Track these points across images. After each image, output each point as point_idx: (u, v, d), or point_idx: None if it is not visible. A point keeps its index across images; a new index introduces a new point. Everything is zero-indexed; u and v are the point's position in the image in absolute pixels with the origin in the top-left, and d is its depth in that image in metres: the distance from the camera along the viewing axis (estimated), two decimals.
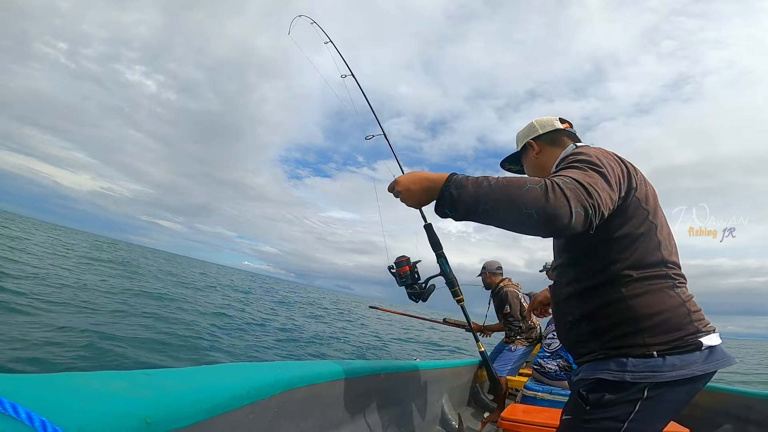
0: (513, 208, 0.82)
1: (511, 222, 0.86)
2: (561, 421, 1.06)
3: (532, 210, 0.80)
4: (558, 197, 0.80)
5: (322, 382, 1.28)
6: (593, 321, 1.02)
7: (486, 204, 0.85)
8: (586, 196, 0.82)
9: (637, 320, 0.95)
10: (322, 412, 1.32)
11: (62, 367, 3.70)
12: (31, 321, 4.91)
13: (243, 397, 0.86)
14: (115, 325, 5.73)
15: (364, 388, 1.59)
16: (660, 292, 0.97)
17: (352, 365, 1.50)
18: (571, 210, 0.79)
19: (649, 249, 0.99)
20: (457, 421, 2.64)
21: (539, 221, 0.80)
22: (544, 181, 0.83)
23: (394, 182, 1.09)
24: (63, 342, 4.38)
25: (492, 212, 0.85)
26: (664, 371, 0.90)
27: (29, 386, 0.52)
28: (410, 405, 2.09)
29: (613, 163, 1.00)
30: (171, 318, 7.37)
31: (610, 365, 0.95)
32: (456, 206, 0.89)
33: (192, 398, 0.70)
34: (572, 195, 0.81)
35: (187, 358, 5.25)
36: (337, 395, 1.40)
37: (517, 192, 0.82)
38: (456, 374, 3.10)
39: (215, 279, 25.45)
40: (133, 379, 0.68)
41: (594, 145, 1.15)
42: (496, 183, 0.86)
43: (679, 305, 0.96)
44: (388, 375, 1.79)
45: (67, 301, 6.51)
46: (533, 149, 1.27)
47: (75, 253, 18.46)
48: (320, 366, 1.31)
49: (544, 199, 0.80)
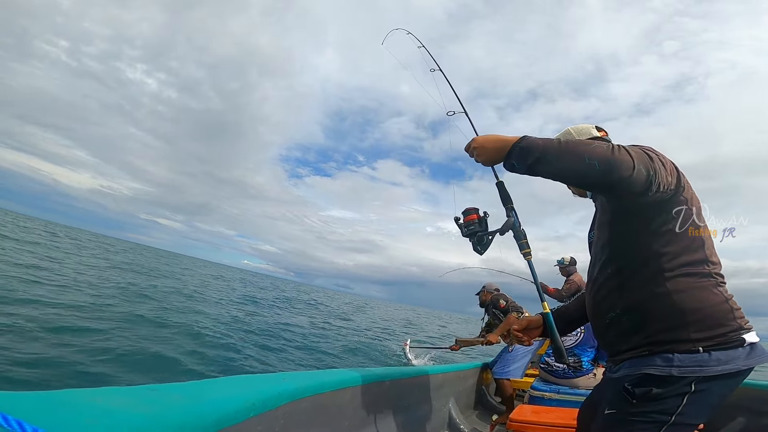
0: (577, 158, 0.93)
1: (572, 171, 0.96)
2: (603, 416, 1.06)
3: (595, 161, 0.91)
4: (622, 153, 0.91)
5: (328, 392, 1.27)
6: (636, 315, 1.04)
7: (551, 155, 0.96)
8: (648, 160, 0.93)
9: (682, 315, 0.97)
10: (329, 421, 1.31)
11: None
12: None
13: (249, 409, 0.86)
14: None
15: (370, 395, 1.58)
16: (704, 289, 0.99)
17: (357, 373, 1.50)
18: (635, 165, 0.91)
19: (693, 247, 1.01)
20: (465, 425, 2.62)
21: (601, 170, 0.91)
22: (611, 142, 0.95)
23: (471, 140, 1.20)
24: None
25: (556, 161, 0.97)
26: (711, 366, 0.92)
27: (35, 403, 0.52)
28: (417, 411, 2.08)
29: (665, 158, 1.05)
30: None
31: (655, 361, 0.97)
32: (523, 156, 1.01)
33: (197, 412, 0.70)
34: (635, 155, 0.92)
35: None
36: (343, 404, 1.39)
37: (583, 145, 0.95)
38: (462, 378, 3.08)
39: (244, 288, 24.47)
40: (137, 395, 0.68)
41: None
42: (565, 140, 0.99)
43: (722, 302, 0.98)
44: (393, 382, 1.78)
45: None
46: None
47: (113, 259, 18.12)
48: (325, 375, 1.31)
49: (609, 153, 0.91)
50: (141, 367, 4.61)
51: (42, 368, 3.81)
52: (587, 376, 2.89)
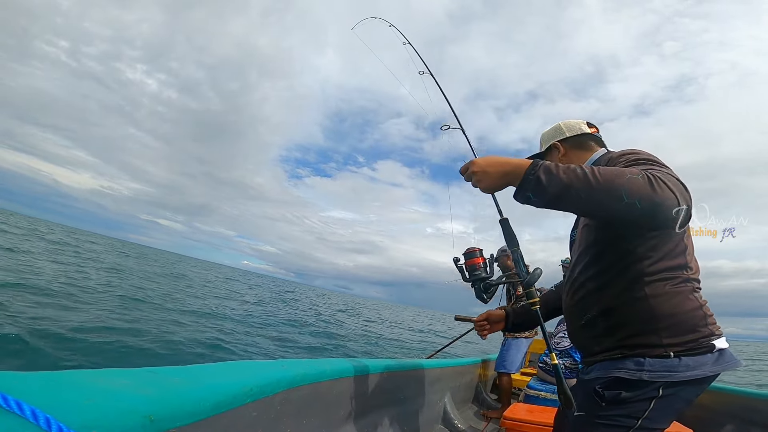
0: (613, 196, 0.81)
1: (607, 210, 0.84)
2: (573, 418, 1.06)
3: (635, 200, 0.79)
4: (664, 190, 0.80)
5: (325, 381, 1.28)
6: (611, 318, 1.03)
7: (579, 189, 0.83)
8: (685, 192, 0.83)
9: (656, 320, 0.96)
10: (325, 410, 1.32)
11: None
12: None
13: (246, 394, 0.86)
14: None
15: (366, 386, 1.59)
16: (680, 294, 0.98)
17: (355, 364, 1.50)
18: (679, 202, 0.80)
19: (676, 252, 0.99)
20: (459, 420, 2.64)
21: (643, 211, 0.80)
22: (643, 172, 0.82)
23: (469, 163, 1.04)
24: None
25: (587, 198, 0.84)
26: (679, 371, 0.92)
27: (34, 384, 0.52)
28: (413, 404, 2.09)
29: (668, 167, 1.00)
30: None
31: (627, 364, 0.97)
32: (543, 191, 0.88)
33: (195, 396, 0.71)
34: (677, 190, 0.81)
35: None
36: (340, 393, 1.40)
37: (618, 180, 0.81)
38: (458, 373, 3.09)
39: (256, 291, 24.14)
40: (137, 377, 0.69)
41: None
42: (590, 170, 0.84)
43: (696, 308, 0.98)
44: (390, 374, 1.79)
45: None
46: (559, 151, 1.26)
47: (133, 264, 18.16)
48: (323, 364, 1.32)
49: (650, 189, 0.79)
50: (140, 352, 4.68)
51: (43, 350, 3.87)
52: None
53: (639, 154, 0.99)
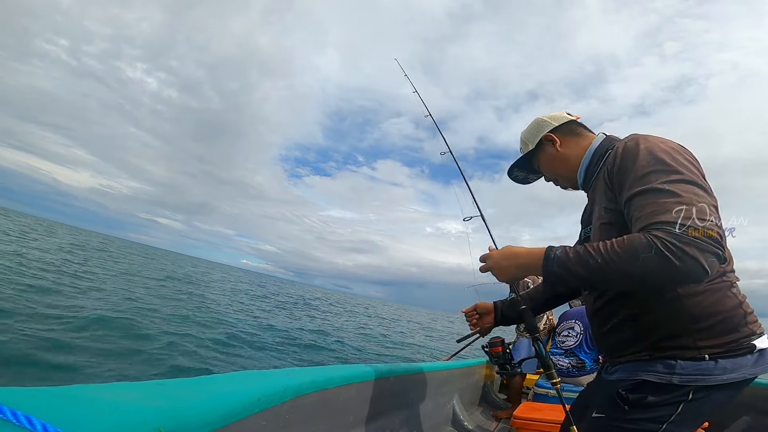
0: (636, 282, 0.81)
1: (630, 288, 0.89)
2: (591, 419, 1.02)
3: (661, 280, 0.78)
4: (683, 258, 0.73)
5: (332, 387, 1.27)
6: (639, 322, 0.96)
7: (601, 283, 0.88)
8: (709, 242, 0.74)
9: (692, 321, 0.89)
10: (333, 416, 1.32)
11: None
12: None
13: (254, 404, 0.86)
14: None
15: (373, 391, 1.58)
16: (719, 291, 0.89)
17: (361, 369, 1.50)
18: (702, 263, 0.73)
19: None
20: (469, 421, 2.62)
21: (672, 283, 0.83)
22: (653, 242, 0.75)
23: (485, 256, 1.09)
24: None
25: (608, 287, 0.91)
26: (715, 375, 0.86)
27: (44, 399, 0.52)
28: (421, 407, 2.08)
29: (690, 158, 0.91)
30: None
31: (656, 367, 0.91)
32: (562, 283, 0.92)
33: (204, 407, 0.71)
34: (696, 248, 0.73)
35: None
36: (347, 400, 1.40)
37: (634, 268, 0.77)
38: (466, 374, 3.08)
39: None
40: (146, 390, 0.69)
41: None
42: (602, 259, 0.81)
43: (736, 306, 0.90)
44: (397, 378, 1.78)
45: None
46: (554, 142, 1.19)
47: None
48: (329, 371, 1.31)
49: (669, 266, 0.74)
50: (147, 363, 4.68)
51: (48, 363, 3.87)
52: (591, 375, 2.88)
53: (654, 158, 0.88)
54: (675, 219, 0.76)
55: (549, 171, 1.25)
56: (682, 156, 0.90)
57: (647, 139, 0.95)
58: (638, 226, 0.82)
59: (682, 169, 0.85)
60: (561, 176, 1.22)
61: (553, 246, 0.93)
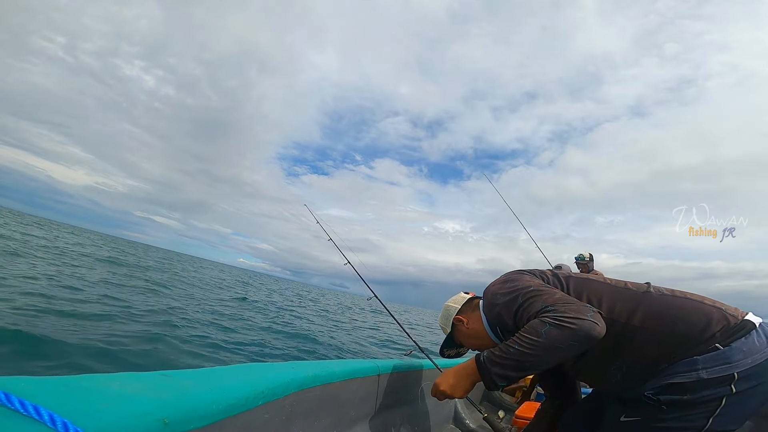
0: (555, 353, 0.95)
1: (561, 358, 0.97)
2: (621, 423, 1.04)
3: (568, 343, 0.92)
4: (575, 318, 0.93)
5: (336, 382, 1.28)
6: (635, 356, 1.01)
7: (530, 365, 0.98)
8: (581, 304, 0.98)
9: (674, 325, 0.96)
10: (336, 411, 1.32)
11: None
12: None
13: (258, 396, 0.87)
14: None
15: (377, 386, 1.59)
16: (671, 301, 1.02)
17: (365, 364, 1.50)
18: (589, 318, 0.93)
19: (619, 288, 1.12)
20: (470, 419, 2.63)
21: (581, 340, 0.92)
22: (545, 320, 0.96)
23: (434, 387, 1.25)
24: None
25: (540, 364, 0.99)
26: (738, 359, 0.88)
27: (50, 388, 0.53)
28: (424, 403, 2.09)
29: (527, 277, 1.17)
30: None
31: (677, 368, 0.93)
32: (505, 380, 1.03)
33: (208, 399, 0.71)
34: (575, 309, 0.95)
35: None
36: (350, 394, 1.40)
37: (542, 342, 0.94)
38: None
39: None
40: (151, 381, 0.69)
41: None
42: (519, 344, 0.98)
43: (700, 302, 1.00)
44: (400, 374, 1.78)
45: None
46: (463, 323, 1.40)
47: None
48: (333, 365, 1.32)
49: (569, 330, 0.92)
50: (153, 355, 4.73)
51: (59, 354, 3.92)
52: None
53: (503, 286, 1.18)
54: (545, 305, 1.00)
55: (468, 345, 1.46)
56: (519, 279, 1.17)
57: (489, 290, 1.26)
58: (528, 320, 1.03)
59: (522, 285, 1.12)
60: (478, 347, 1.41)
61: (480, 353, 1.11)
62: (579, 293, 1.10)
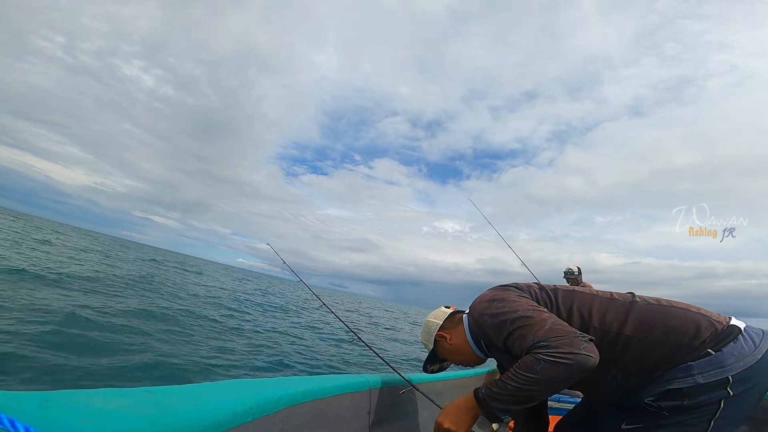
0: (552, 386, 0.96)
1: (559, 390, 0.98)
2: (622, 430, 1.06)
3: (564, 377, 0.93)
4: (569, 353, 0.92)
5: (326, 397, 1.25)
6: (630, 365, 1.03)
7: (528, 399, 0.99)
8: (573, 336, 0.96)
9: (667, 334, 0.98)
10: (327, 426, 1.29)
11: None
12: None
13: (247, 413, 0.84)
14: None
15: (368, 402, 1.56)
16: (656, 311, 1.04)
17: (356, 380, 1.48)
18: (582, 352, 0.92)
19: (606, 300, 1.13)
20: None
21: (577, 373, 0.92)
22: (539, 358, 0.95)
23: (437, 426, 1.22)
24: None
25: (538, 397, 0.98)
26: (730, 363, 0.91)
27: (29, 403, 0.51)
28: (416, 418, 2.05)
29: (515, 296, 1.15)
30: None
31: (673, 374, 0.95)
32: (507, 413, 1.04)
33: (194, 416, 0.69)
34: (568, 343, 0.94)
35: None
36: (341, 410, 1.37)
37: (538, 378, 0.94)
38: (462, 386, 3.05)
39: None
40: (134, 397, 0.67)
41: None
42: (516, 381, 0.98)
43: (686, 309, 1.02)
44: (392, 388, 1.76)
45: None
46: (446, 339, 1.40)
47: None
48: (324, 381, 1.29)
49: (564, 366, 0.92)
50: (137, 369, 4.58)
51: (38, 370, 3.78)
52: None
53: (490, 305, 1.16)
54: (537, 339, 0.99)
55: (452, 360, 1.47)
56: (507, 300, 1.14)
57: (475, 307, 1.25)
58: (521, 353, 1.04)
59: (510, 309, 1.10)
60: (462, 362, 1.43)
61: (477, 388, 1.13)
62: (568, 306, 1.12)
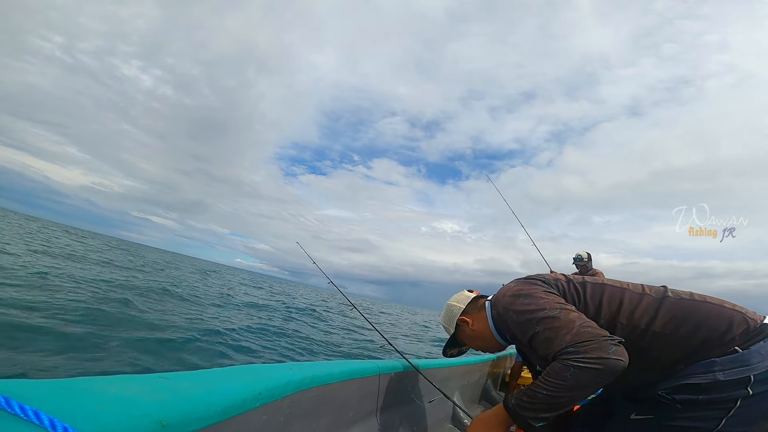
0: (583, 392, 0.93)
1: (590, 394, 0.96)
2: (630, 421, 1.05)
3: (595, 381, 0.90)
4: (598, 358, 0.89)
5: (334, 383, 1.28)
6: (654, 361, 1.00)
7: (561, 405, 0.96)
8: (602, 338, 0.92)
9: (697, 330, 0.95)
10: (334, 412, 1.32)
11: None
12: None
13: (256, 398, 0.87)
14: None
15: (375, 387, 1.59)
16: (688, 305, 1.00)
17: (363, 365, 1.51)
18: (612, 356, 0.89)
19: (630, 293, 1.10)
20: (469, 419, 2.63)
21: (608, 378, 0.90)
22: (568, 365, 0.92)
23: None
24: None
25: (570, 403, 0.96)
26: (755, 362, 0.88)
27: (48, 392, 0.53)
28: (421, 404, 2.09)
29: (542, 291, 1.10)
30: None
31: (693, 369, 0.93)
32: (541, 421, 1.01)
33: (206, 401, 0.71)
34: (597, 348, 0.90)
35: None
36: (348, 395, 1.40)
37: (569, 384, 0.92)
38: (466, 372, 3.09)
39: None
40: (149, 383, 0.70)
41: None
42: (546, 389, 0.95)
43: (720, 305, 0.98)
44: (398, 374, 1.79)
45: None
46: (468, 323, 1.38)
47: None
48: (332, 366, 1.32)
49: (594, 371, 0.89)
50: (152, 356, 4.71)
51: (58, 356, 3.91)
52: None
53: (515, 300, 1.12)
54: (564, 344, 0.95)
55: (472, 346, 1.44)
56: (533, 294, 1.10)
57: (499, 300, 1.21)
58: (549, 359, 1.00)
59: (537, 307, 1.06)
60: (482, 348, 1.40)
61: (506, 398, 1.09)
62: (597, 300, 1.09)
